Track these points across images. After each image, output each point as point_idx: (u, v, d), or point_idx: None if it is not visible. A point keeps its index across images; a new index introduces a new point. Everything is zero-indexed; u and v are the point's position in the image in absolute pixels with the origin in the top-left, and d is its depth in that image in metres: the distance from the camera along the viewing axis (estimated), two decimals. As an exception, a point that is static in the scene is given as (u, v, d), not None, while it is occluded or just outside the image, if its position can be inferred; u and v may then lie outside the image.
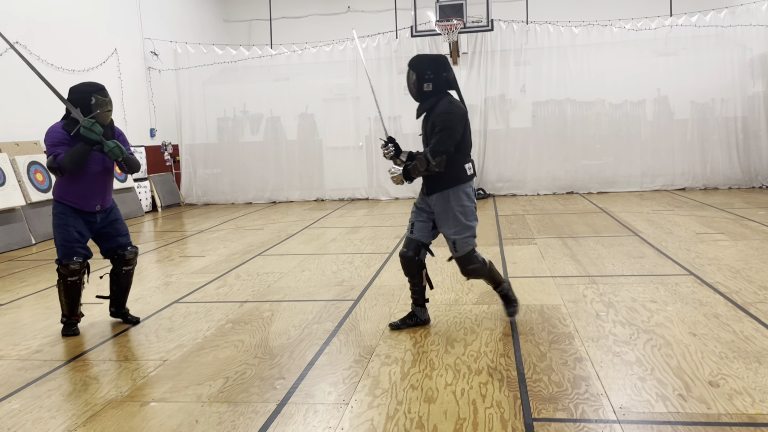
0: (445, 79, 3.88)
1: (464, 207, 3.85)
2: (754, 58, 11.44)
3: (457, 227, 3.86)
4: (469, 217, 3.87)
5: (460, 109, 3.83)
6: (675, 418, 2.76)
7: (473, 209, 3.90)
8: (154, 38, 12.42)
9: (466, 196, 3.86)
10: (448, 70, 3.90)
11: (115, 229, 4.48)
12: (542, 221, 8.56)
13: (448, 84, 3.90)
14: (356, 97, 12.48)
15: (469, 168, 3.89)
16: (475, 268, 3.97)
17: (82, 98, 4.21)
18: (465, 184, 3.87)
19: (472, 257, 3.92)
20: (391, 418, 2.88)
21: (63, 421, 3.00)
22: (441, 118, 3.79)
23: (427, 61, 3.90)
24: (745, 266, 5.44)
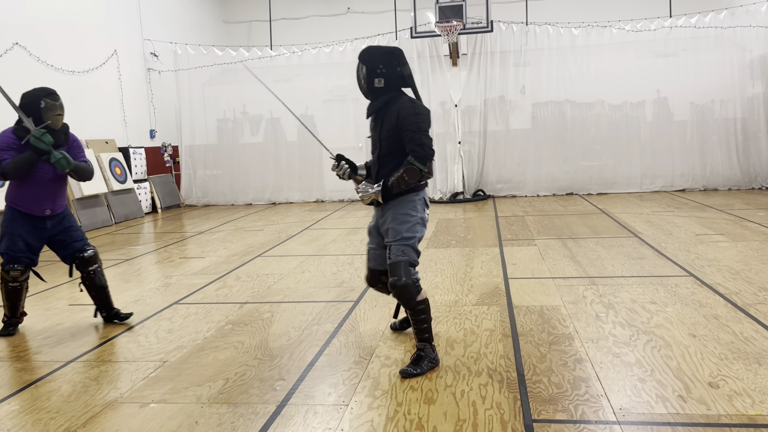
0: (399, 74, 3.48)
1: (408, 215, 3.45)
2: (754, 59, 11.44)
3: (394, 234, 3.45)
4: (411, 229, 3.44)
5: (425, 109, 3.46)
6: (675, 419, 2.76)
7: (420, 220, 3.49)
8: (153, 39, 12.42)
9: (414, 206, 3.47)
10: (402, 64, 3.51)
11: (69, 236, 4.48)
12: (542, 222, 8.56)
13: (402, 80, 3.51)
14: (356, 99, 12.46)
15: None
16: (402, 284, 3.38)
17: (32, 102, 4.23)
18: (416, 194, 3.49)
19: (401, 269, 3.40)
20: (391, 420, 2.88)
21: (62, 423, 3.00)
22: (411, 120, 3.37)
23: (380, 54, 3.49)
24: (745, 267, 5.45)
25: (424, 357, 3.42)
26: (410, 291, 3.39)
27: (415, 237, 3.46)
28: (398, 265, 3.39)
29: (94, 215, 10.05)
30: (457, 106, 11.88)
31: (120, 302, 5.22)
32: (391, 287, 3.43)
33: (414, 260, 3.44)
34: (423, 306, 3.44)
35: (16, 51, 8.93)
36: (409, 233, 3.43)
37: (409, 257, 3.42)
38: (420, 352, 3.44)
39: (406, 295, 3.40)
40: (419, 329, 3.46)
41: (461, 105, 11.95)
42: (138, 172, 11.74)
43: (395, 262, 3.40)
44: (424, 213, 3.51)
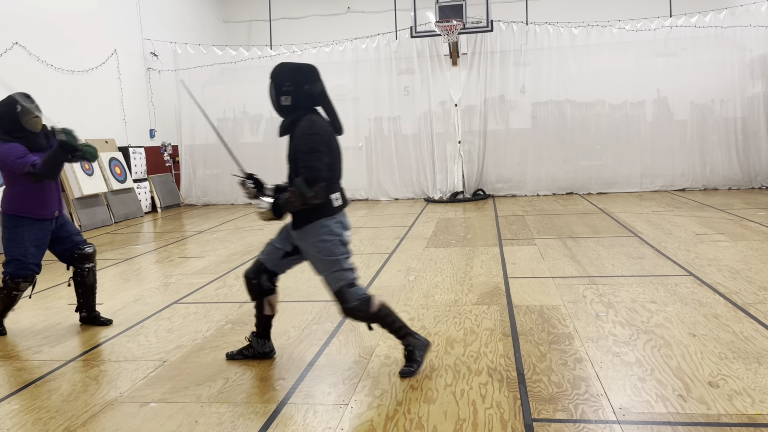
0: (307, 92, 3.32)
1: (325, 242, 3.31)
2: (754, 58, 11.44)
3: (321, 264, 3.37)
4: (332, 252, 3.32)
5: (323, 129, 3.30)
6: (675, 418, 2.76)
7: (338, 242, 3.33)
8: (153, 39, 12.42)
9: (329, 231, 3.31)
10: (311, 82, 3.34)
11: (67, 230, 4.50)
12: (542, 222, 8.56)
13: (310, 98, 3.35)
14: (356, 98, 12.49)
15: (337, 199, 3.37)
16: (352, 308, 3.32)
17: (9, 109, 4.22)
18: (329, 218, 3.32)
19: (345, 295, 3.31)
20: (391, 419, 2.88)
21: (62, 422, 3.00)
22: (303, 141, 3.25)
23: (287, 71, 3.36)
24: (745, 267, 5.45)
25: (413, 350, 3.42)
26: (362, 311, 3.34)
27: (339, 259, 3.33)
28: (340, 293, 3.33)
29: (94, 215, 10.05)
30: (457, 105, 11.88)
31: (120, 302, 5.22)
32: (345, 315, 3.39)
33: (350, 279, 3.35)
34: (383, 313, 3.39)
35: (16, 51, 8.93)
36: (333, 257, 3.33)
37: (345, 280, 3.33)
38: (408, 347, 3.43)
39: (361, 315, 3.35)
40: (393, 330, 3.44)
41: (461, 104, 11.94)
42: (138, 171, 11.74)
43: (335, 291, 3.34)
44: (342, 235, 3.36)
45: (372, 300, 3.37)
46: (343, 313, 3.38)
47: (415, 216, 9.80)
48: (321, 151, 3.24)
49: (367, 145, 12.49)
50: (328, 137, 3.32)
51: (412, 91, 12.29)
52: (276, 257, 3.57)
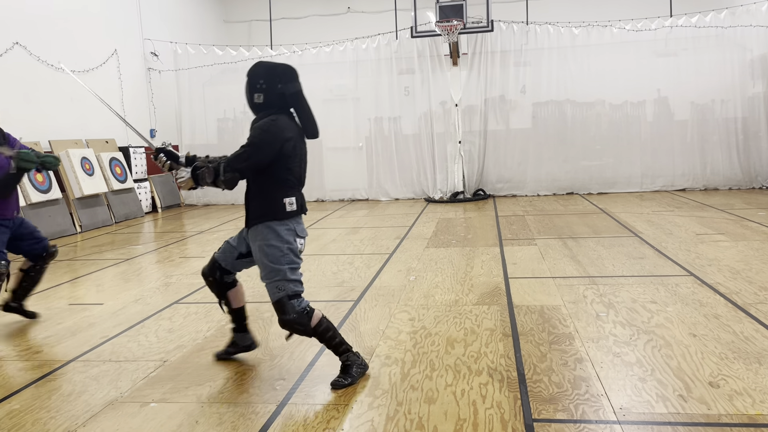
0: (279, 92, 3.29)
1: (272, 247, 3.23)
2: (754, 58, 11.44)
3: (264, 270, 3.28)
4: (278, 260, 3.23)
5: (280, 130, 3.22)
6: (675, 418, 2.76)
7: (288, 250, 3.25)
8: (154, 39, 12.42)
9: (276, 235, 3.24)
10: (285, 82, 3.31)
11: (28, 228, 4.76)
12: (542, 222, 8.56)
13: (282, 99, 3.31)
14: (356, 98, 12.49)
15: (291, 204, 3.27)
16: (290, 320, 3.23)
17: None
18: (279, 222, 3.25)
19: (285, 306, 3.23)
20: (392, 419, 2.88)
21: (63, 422, 3.00)
22: (254, 132, 3.25)
23: (263, 69, 3.34)
24: (746, 267, 5.44)
25: (351, 365, 3.34)
26: (300, 324, 3.25)
27: (284, 269, 3.24)
28: (279, 303, 3.24)
29: (95, 215, 10.05)
30: (457, 105, 11.88)
31: (120, 302, 5.23)
32: (282, 326, 3.29)
33: (292, 291, 3.25)
34: (322, 327, 3.31)
35: (17, 51, 8.93)
36: (277, 265, 3.23)
37: (286, 290, 3.24)
38: (346, 361, 3.34)
39: (298, 328, 3.26)
40: (332, 346, 3.35)
41: (461, 104, 11.94)
42: (138, 171, 11.74)
43: (275, 301, 3.26)
44: (293, 243, 3.28)
45: (312, 315, 3.28)
46: (283, 326, 3.27)
47: (415, 216, 9.80)
48: (261, 149, 3.20)
49: (368, 145, 12.49)
50: (284, 140, 3.22)
51: (412, 91, 12.29)
52: (231, 257, 3.55)
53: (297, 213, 3.32)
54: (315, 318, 3.29)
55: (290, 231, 3.28)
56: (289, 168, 3.29)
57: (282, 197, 3.26)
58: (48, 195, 9.03)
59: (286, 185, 3.29)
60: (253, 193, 3.33)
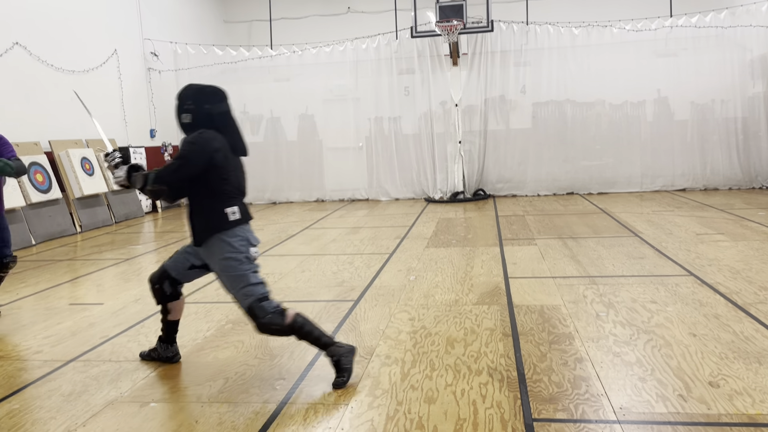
0: (206, 112, 3.35)
1: (229, 259, 3.28)
2: (754, 58, 11.44)
3: (229, 281, 3.32)
4: (237, 268, 3.28)
5: (206, 141, 3.26)
6: (675, 418, 2.76)
7: (243, 258, 3.30)
8: (154, 39, 12.42)
9: (231, 247, 3.28)
10: (213, 102, 3.39)
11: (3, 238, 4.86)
12: (542, 222, 8.56)
13: (209, 119, 3.35)
14: (356, 98, 12.49)
15: (234, 213, 3.31)
16: (265, 323, 3.25)
17: None
18: (226, 233, 3.28)
19: (256, 310, 3.26)
20: (391, 419, 2.88)
21: (63, 422, 3.00)
22: (182, 146, 3.28)
23: (191, 91, 3.42)
24: (745, 267, 5.44)
25: (339, 358, 3.32)
26: (276, 324, 3.26)
27: (246, 275, 3.29)
28: (251, 309, 3.26)
29: (95, 215, 10.06)
30: (457, 105, 11.88)
31: (120, 302, 5.23)
32: (259, 331, 3.29)
33: (259, 294, 3.28)
34: (299, 324, 3.32)
35: (16, 51, 8.93)
36: (239, 273, 3.28)
37: (254, 295, 3.27)
38: (333, 357, 3.33)
39: (275, 328, 3.27)
40: (312, 340, 3.35)
41: (462, 104, 11.95)
42: (138, 171, 11.73)
43: (246, 308, 3.28)
44: (247, 251, 3.31)
45: (286, 312, 3.30)
46: (257, 330, 3.28)
47: (415, 216, 9.80)
48: (190, 161, 3.23)
49: (368, 145, 12.49)
50: (212, 150, 3.26)
51: (412, 91, 12.29)
52: (183, 266, 3.54)
53: (242, 221, 3.35)
54: (288, 316, 3.31)
55: (243, 240, 3.32)
56: (224, 178, 3.33)
57: (222, 208, 3.30)
58: (48, 195, 9.03)
59: (224, 196, 3.32)
60: (194, 209, 3.38)
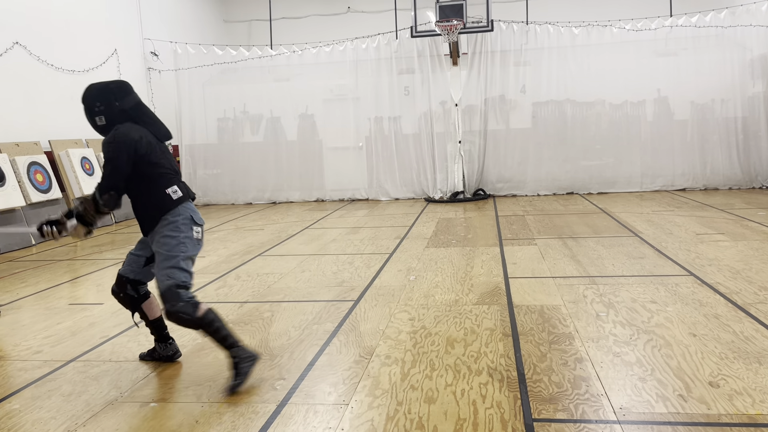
0: (118, 109, 3.34)
1: (168, 237, 3.30)
2: (754, 58, 11.43)
3: (159, 258, 3.31)
4: (173, 248, 3.28)
5: (124, 135, 3.26)
6: (675, 418, 2.76)
7: (184, 238, 3.32)
8: (154, 39, 12.43)
9: (173, 226, 3.31)
10: (121, 97, 3.37)
11: None
12: (542, 222, 8.56)
13: (124, 114, 3.35)
14: (356, 98, 12.49)
15: (174, 191, 3.35)
16: (175, 309, 3.23)
17: None
18: (171, 212, 3.33)
19: (172, 294, 3.23)
20: (392, 419, 2.88)
21: (63, 422, 3.00)
22: (105, 149, 3.27)
23: (95, 92, 3.37)
24: (746, 267, 5.44)
25: (239, 361, 3.30)
26: (186, 313, 3.23)
27: (178, 257, 3.28)
28: (166, 293, 3.24)
29: (95, 215, 10.04)
30: (457, 105, 11.88)
31: (120, 301, 5.22)
32: (167, 317, 3.27)
33: (181, 280, 3.26)
34: (209, 319, 3.29)
35: (17, 50, 8.93)
36: (172, 253, 3.28)
37: (175, 279, 3.24)
38: (234, 359, 3.30)
39: (183, 318, 3.24)
40: (218, 339, 3.32)
41: (461, 104, 11.94)
42: (138, 171, 11.73)
43: (162, 290, 3.25)
44: (189, 232, 3.33)
45: (199, 305, 3.29)
46: (167, 317, 3.27)
47: (415, 216, 9.80)
48: (119, 159, 3.23)
49: (368, 145, 12.49)
50: (133, 141, 3.26)
51: (412, 90, 12.29)
52: (138, 265, 3.56)
53: (185, 199, 3.38)
54: (201, 309, 3.29)
55: (186, 220, 3.35)
56: (155, 162, 3.34)
57: (163, 188, 3.34)
58: (48, 195, 9.03)
59: (162, 178, 3.35)
60: (137, 201, 3.41)
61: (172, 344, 3.76)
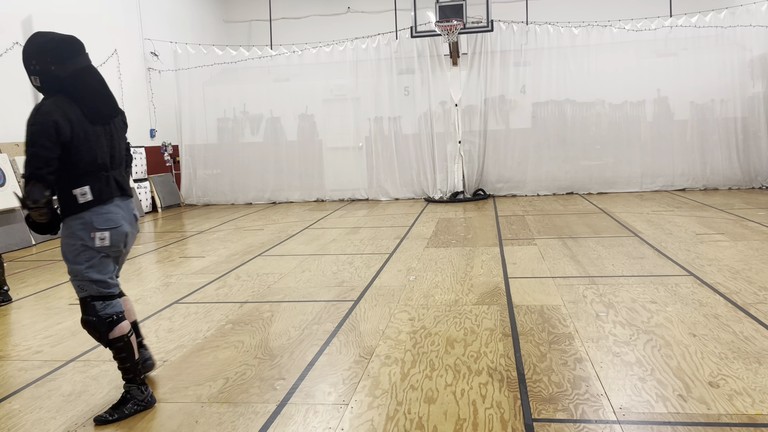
0: (53, 74, 2.90)
1: (66, 245, 2.99)
2: (754, 58, 11.44)
3: (67, 267, 3.04)
4: (74, 258, 2.98)
5: (44, 116, 2.82)
6: (675, 418, 2.76)
7: (82, 247, 2.97)
8: (154, 39, 12.43)
9: (70, 232, 2.98)
10: (59, 60, 2.90)
11: None
12: (542, 222, 8.56)
13: (57, 82, 2.91)
14: (356, 98, 12.50)
15: (83, 194, 2.94)
16: (88, 321, 3.02)
17: None
18: (74, 217, 2.95)
19: (87, 307, 3.02)
20: (391, 419, 2.88)
21: (63, 422, 3.00)
22: (26, 132, 2.83)
23: (34, 47, 2.90)
24: (745, 267, 5.45)
25: (129, 399, 3.04)
26: (97, 328, 3.02)
27: (81, 268, 2.98)
28: (83, 302, 3.03)
29: (95, 215, 10.05)
30: (457, 105, 11.88)
31: (120, 302, 5.22)
32: (82, 325, 3.07)
33: (96, 292, 3.01)
34: (121, 344, 3.03)
35: (17, 50, 8.93)
36: (74, 264, 2.99)
37: (89, 291, 3.00)
38: (126, 394, 3.05)
39: (93, 332, 3.04)
40: (121, 368, 3.07)
41: (461, 104, 11.95)
42: (138, 171, 11.74)
43: (80, 299, 3.05)
44: (87, 239, 2.96)
45: (114, 327, 3.02)
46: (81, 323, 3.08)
47: (415, 216, 9.80)
48: (39, 145, 2.79)
49: (368, 145, 12.50)
50: (54, 123, 2.82)
51: (412, 91, 12.30)
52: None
53: (95, 204, 2.97)
54: (118, 330, 3.03)
55: (85, 225, 2.96)
56: (72, 152, 2.90)
57: (71, 189, 2.94)
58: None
59: (75, 174, 2.93)
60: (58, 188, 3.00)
61: (146, 351, 3.53)
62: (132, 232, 3.19)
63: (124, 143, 3.30)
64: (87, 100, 2.98)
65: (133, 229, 3.21)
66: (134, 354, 3.10)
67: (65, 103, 2.90)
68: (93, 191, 2.97)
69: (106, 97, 3.10)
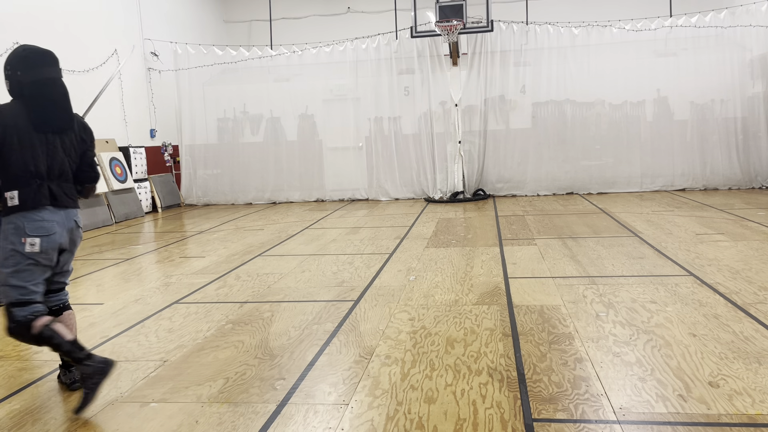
0: (17, 80, 3.11)
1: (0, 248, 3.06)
2: (754, 58, 11.44)
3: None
4: (4, 260, 3.03)
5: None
6: (675, 418, 2.76)
7: (11, 252, 3.02)
8: (154, 39, 12.43)
9: (4, 235, 3.05)
10: (24, 68, 3.12)
11: None
12: (542, 222, 8.56)
13: (19, 87, 3.11)
14: (356, 98, 12.50)
15: (12, 198, 3.02)
16: (12, 329, 3.06)
17: None
18: (8, 220, 3.04)
19: (7, 314, 3.05)
20: (391, 419, 2.88)
21: (63, 422, 3.00)
22: None
23: (11, 55, 3.17)
24: (745, 267, 5.45)
25: (86, 377, 3.04)
26: (20, 334, 3.06)
27: (7, 270, 3.03)
28: (6, 310, 3.07)
29: (95, 215, 10.06)
30: (457, 105, 11.88)
31: (120, 302, 5.23)
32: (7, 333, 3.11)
33: (15, 299, 3.04)
34: (48, 333, 3.04)
35: (17, 50, 8.93)
36: (1, 267, 3.05)
37: (9, 298, 3.04)
38: (83, 374, 3.05)
39: (20, 337, 3.09)
40: (65, 353, 3.08)
41: (461, 104, 11.95)
42: (138, 171, 11.74)
43: (3, 306, 3.09)
44: (18, 243, 3.01)
45: (33, 324, 3.04)
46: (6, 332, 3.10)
47: (415, 216, 9.80)
48: None
49: (368, 145, 12.50)
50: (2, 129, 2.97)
51: (412, 91, 12.30)
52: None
53: (20, 208, 3.02)
54: (35, 327, 3.04)
55: (17, 230, 3.03)
56: (6, 157, 3.01)
57: (3, 191, 3.05)
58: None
59: (5, 178, 3.04)
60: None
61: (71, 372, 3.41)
62: (71, 239, 3.24)
63: (76, 157, 3.32)
64: (38, 107, 3.12)
65: (73, 236, 3.26)
66: (65, 335, 3.09)
67: (16, 109, 3.05)
68: (20, 196, 3.04)
69: (61, 110, 3.21)
